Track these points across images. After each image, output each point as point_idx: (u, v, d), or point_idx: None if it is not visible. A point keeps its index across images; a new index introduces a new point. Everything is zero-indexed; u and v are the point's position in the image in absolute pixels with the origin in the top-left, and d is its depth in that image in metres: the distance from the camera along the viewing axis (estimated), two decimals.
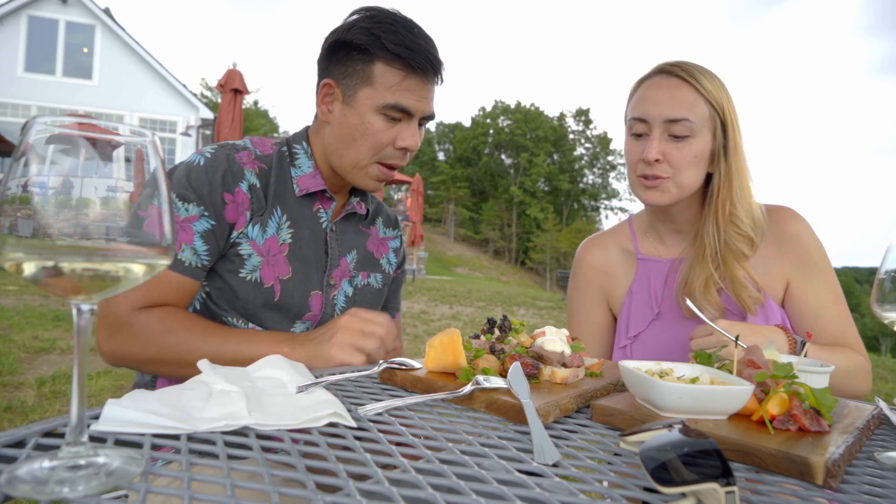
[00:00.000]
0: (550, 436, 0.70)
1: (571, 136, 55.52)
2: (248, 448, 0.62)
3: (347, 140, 1.22)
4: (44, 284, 0.50)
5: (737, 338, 1.01)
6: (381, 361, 0.98)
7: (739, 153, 1.29)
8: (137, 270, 0.51)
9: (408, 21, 1.21)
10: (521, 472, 0.59)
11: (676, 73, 1.27)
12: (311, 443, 0.65)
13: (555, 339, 1.02)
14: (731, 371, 0.88)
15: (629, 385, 0.84)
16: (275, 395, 0.78)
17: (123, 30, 19.35)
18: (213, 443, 0.62)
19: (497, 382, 0.86)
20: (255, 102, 41.90)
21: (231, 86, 7.98)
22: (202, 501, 0.48)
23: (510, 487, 0.54)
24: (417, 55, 1.17)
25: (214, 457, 0.59)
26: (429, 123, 1.31)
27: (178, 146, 19.86)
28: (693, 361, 0.95)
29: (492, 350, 1.01)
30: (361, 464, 0.59)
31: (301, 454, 0.60)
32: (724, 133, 1.28)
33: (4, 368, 4.12)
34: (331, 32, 1.24)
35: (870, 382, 1.25)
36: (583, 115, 55.75)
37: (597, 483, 0.59)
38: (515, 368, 0.88)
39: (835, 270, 1.36)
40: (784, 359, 0.96)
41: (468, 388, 0.84)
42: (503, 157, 53.97)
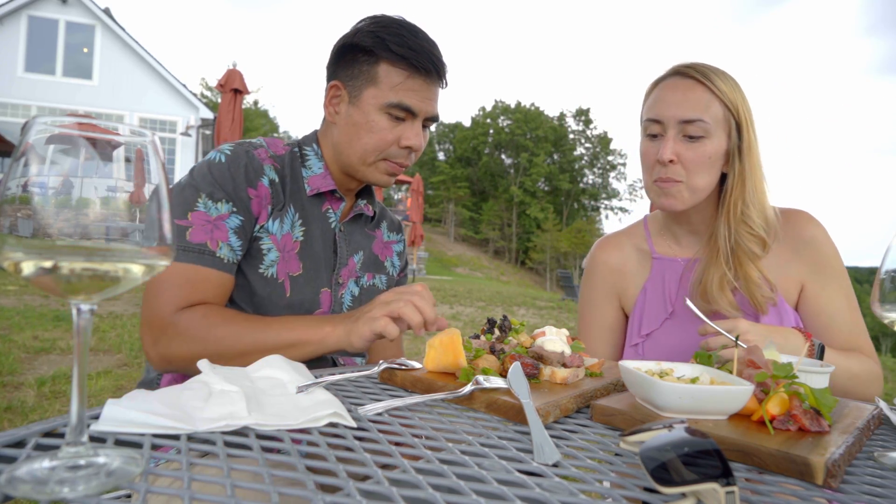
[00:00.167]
0: (550, 436, 0.70)
1: (571, 136, 55.50)
2: (248, 448, 0.62)
3: (353, 138, 1.24)
4: (44, 284, 0.50)
5: (737, 338, 1.01)
6: (381, 361, 0.98)
7: (754, 154, 1.30)
8: (137, 270, 0.51)
9: (413, 26, 1.25)
10: (521, 472, 0.59)
11: (691, 75, 1.28)
12: (312, 443, 0.65)
13: (555, 339, 1.02)
14: (731, 371, 0.88)
15: (629, 385, 0.84)
16: (275, 395, 0.78)
17: (123, 30, 19.35)
18: (213, 443, 0.62)
19: (497, 382, 0.86)
20: (255, 102, 41.93)
21: (231, 86, 7.98)
22: (202, 501, 0.48)
23: (510, 487, 0.54)
24: (421, 56, 1.20)
25: (214, 457, 0.59)
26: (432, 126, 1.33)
27: (178, 146, 19.86)
28: (693, 361, 0.95)
29: (492, 350, 1.01)
30: (361, 464, 0.59)
31: (301, 454, 0.60)
32: (739, 133, 1.29)
33: (4, 368, 4.12)
34: (339, 38, 1.28)
35: (881, 388, 1.25)
36: (583, 115, 55.74)
37: (597, 483, 0.59)
38: (515, 368, 0.88)
39: None
40: (784, 359, 0.96)
41: (468, 388, 0.84)
42: (503, 157, 53.97)
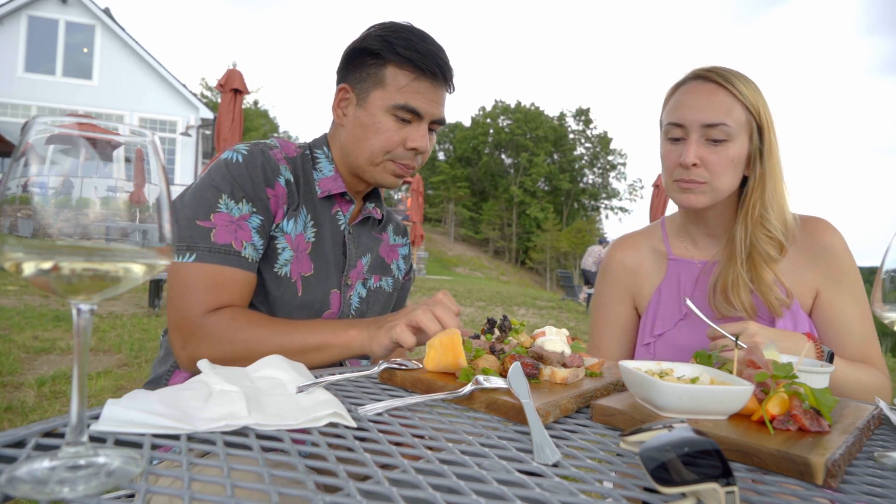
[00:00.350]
0: (550, 436, 0.70)
1: (571, 136, 55.46)
2: (248, 448, 0.62)
3: (360, 139, 1.26)
4: (44, 284, 0.50)
5: (737, 338, 1.01)
6: (381, 361, 0.98)
7: (774, 157, 1.31)
8: (137, 270, 0.51)
9: (420, 31, 1.27)
10: (521, 472, 0.59)
11: (713, 79, 1.29)
12: (311, 443, 0.65)
13: (555, 339, 1.02)
14: (732, 371, 0.88)
15: (629, 385, 0.84)
16: (275, 395, 0.78)
17: (123, 30, 19.35)
18: (213, 443, 0.62)
19: (497, 382, 0.86)
20: (255, 102, 41.92)
21: (231, 86, 7.97)
22: (202, 501, 0.48)
23: (510, 487, 0.54)
24: (427, 59, 1.21)
25: (214, 457, 0.59)
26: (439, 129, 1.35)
27: (178, 146, 19.86)
28: (693, 361, 0.95)
29: (492, 350, 1.01)
30: (361, 464, 0.59)
31: (301, 454, 0.60)
32: (760, 137, 1.30)
33: (4, 368, 4.12)
34: (349, 44, 1.30)
35: (889, 400, 1.26)
36: (583, 115, 55.71)
37: (597, 483, 0.59)
38: (515, 368, 0.88)
39: None
40: (784, 359, 0.96)
41: (468, 388, 0.84)
42: (503, 157, 53.95)
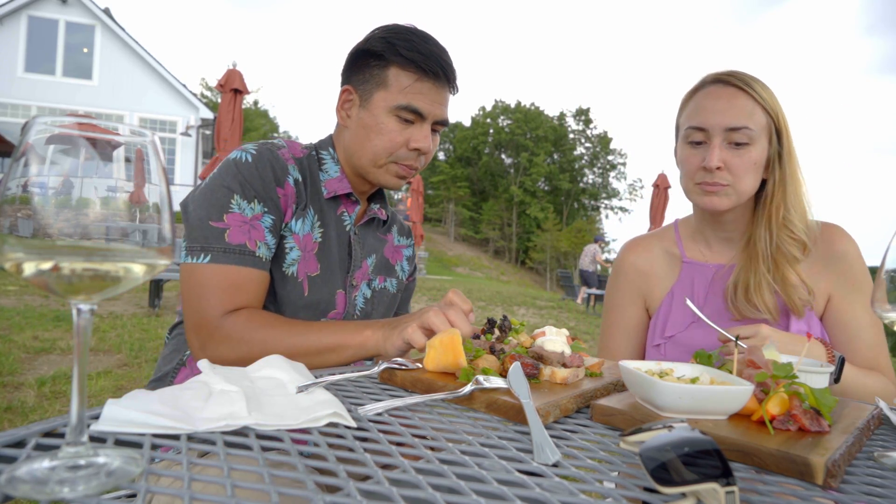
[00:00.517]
0: (550, 436, 0.70)
1: (571, 136, 55.39)
2: (248, 448, 0.62)
3: (364, 140, 1.26)
4: (44, 284, 0.50)
5: (737, 338, 1.01)
6: (381, 361, 0.98)
7: (794, 159, 1.33)
8: (137, 270, 0.51)
9: (423, 32, 1.28)
10: (521, 472, 0.59)
11: (733, 83, 1.30)
12: (312, 443, 0.65)
13: (555, 339, 1.02)
14: (732, 371, 0.88)
15: (629, 385, 0.84)
16: (275, 395, 0.78)
17: (123, 30, 19.35)
18: (213, 443, 0.62)
19: (497, 382, 0.86)
20: (255, 102, 41.87)
21: (231, 86, 7.95)
22: (202, 501, 0.48)
23: (510, 487, 0.54)
24: (430, 60, 1.22)
25: (214, 457, 0.59)
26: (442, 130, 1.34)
27: (178, 146, 19.86)
28: (693, 361, 0.95)
29: (492, 350, 1.01)
30: (361, 464, 0.59)
31: (301, 454, 0.60)
32: (779, 140, 1.31)
33: (4, 368, 4.12)
34: (353, 46, 1.31)
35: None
36: (583, 115, 55.64)
37: (597, 483, 0.59)
38: (515, 368, 0.88)
39: None
40: (784, 359, 0.96)
41: (468, 388, 0.84)
42: (503, 157, 53.91)
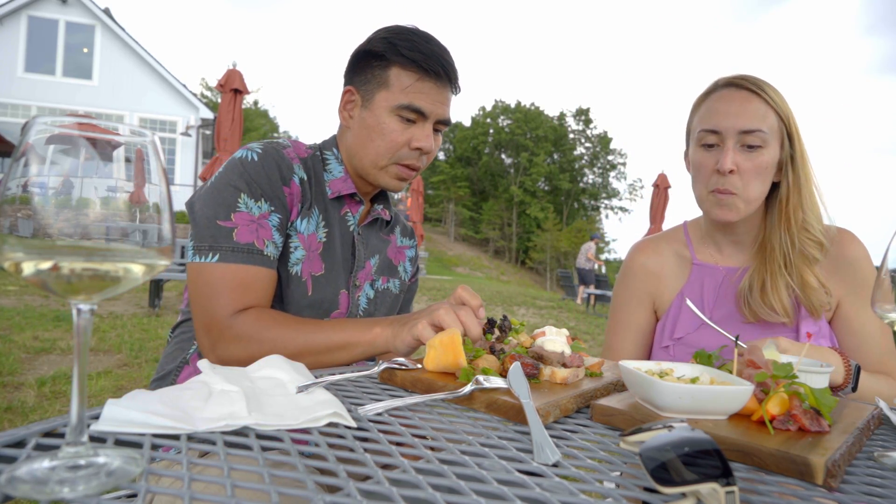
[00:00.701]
0: (550, 436, 0.70)
1: (571, 136, 55.37)
2: (249, 448, 0.62)
3: (366, 141, 1.26)
4: (44, 284, 0.50)
5: (737, 338, 1.01)
6: (381, 361, 0.98)
7: (807, 162, 1.34)
8: (137, 270, 0.51)
9: (425, 33, 1.28)
10: (521, 472, 0.59)
11: (745, 86, 1.31)
12: (312, 443, 0.65)
13: (555, 339, 1.02)
14: (732, 371, 0.88)
15: (629, 385, 0.84)
16: (275, 395, 0.78)
17: (123, 30, 19.35)
18: (213, 443, 0.62)
19: (497, 382, 0.86)
20: (255, 102, 41.85)
21: (231, 86, 7.95)
22: (202, 501, 0.48)
23: (510, 487, 0.54)
24: (431, 60, 1.22)
25: (214, 457, 0.59)
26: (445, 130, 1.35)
27: (178, 146, 19.86)
28: (693, 361, 0.95)
29: (492, 350, 1.01)
30: (361, 464, 0.59)
31: (301, 454, 0.60)
32: (791, 143, 1.32)
33: (5, 369, 4.12)
34: (355, 48, 1.31)
35: None
36: (583, 115, 55.63)
37: (597, 483, 0.59)
38: (515, 368, 0.88)
39: None
40: (784, 359, 0.96)
41: (468, 388, 0.84)
42: (503, 157, 53.89)
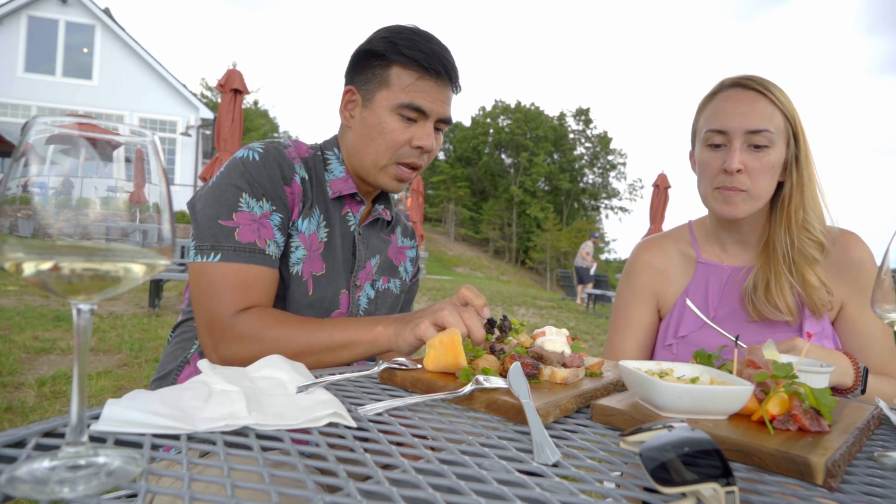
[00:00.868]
0: (550, 436, 0.70)
1: (571, 136, 55.35)
2: (249, 448, 0.62)
3: (367, 140, 1.26)
4: (44, 284, 0.50)
5: (737, 338, 1.01)
6: (381, 361, 0.98)
7: (810, 162, 1.34)
8: (137, 270, 0.51)
9: (425, 32, 1.28)
10: (521, 472, 0.59)
11: (752, 86, 1.31)
12: (312, 443, 0.65)
13: (555, 339, 1.02)
14: (731, 371, 0.88)
15: (629, 385, 0.84)
16: (275, 395, 0.78)
17: (123, 30, 19.35)
18: (213, 443, 0.62)
19: (497, 382, 0.86)
20: (255, 102, 41.84)
21: (231, 86, 7.94)
22: (203, 501, 0.48)
23: (510, 487, 0.54)
24: (431, 58, 1.22)
25: (215, 457, 0.59)
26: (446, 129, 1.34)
27: (178, 146, 19.85)
28: (693, 361, 0.95)
29: (492, 350, 1.01)
30: (361, 464, 0.59)
31: (301, 454, 0.60)
32: (796, 143, 1.33)
33: (4, 369, 4.12)
34: (355, 48, 1.31)
35: None
36: (583, 115, 55.60)
37: (597, 483, 0.59)
38: (515, 368, 0.88)
39: None
40: (784, 359, 0.96)
41: (468, 388, 0.84)
42: (503, 157, 53.89)
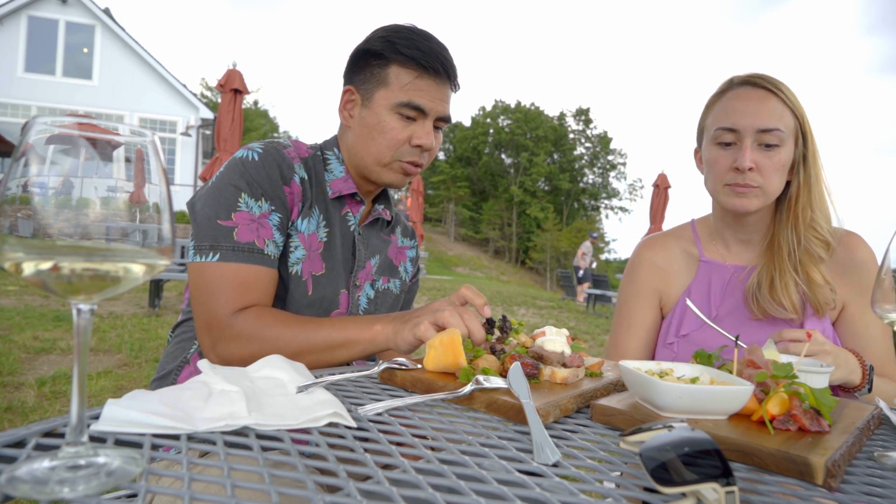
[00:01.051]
0: (550, 436, 0.70)
1: (571, 136, 55.33)
2: (249, 448, 0.62)
3: (367, 139, 1.26)
4: (44, 284, 0.50)
5: (737, 338, 1.01)
6: (381, 361, 0.98)
7: (818, 161, 1.34)
8: (137, 270, 0.51)
9: (423, 31, 1.28)
10: (521, 472, 0.59)
11: (763, 85, 1.31)
12: (312, 443, 0.65)
13: (555, 339, 1.02)
14: (731, 371, 0.88)
15: (629, 385, 0.84)
16: (275, 395, 0.78)
17: (123, 30, 19.34)
18: (213, 443, 0.62)
19: (497, 382, 0.86)
20: (255, 102, 41.84)
21: (231, 86, 7.94)
22: (203, 501, 0.48)
23: (510, 487, 0.54)
24: (430, 57, 1.22)
25: (215, 457, 0.59)
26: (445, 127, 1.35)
27: (178, 146, 19.85)
28: (693, 361, 0.95)
29: (492, 350, 1.01)
30: (361, 464, 0.59)
31: (301, 454, 0.60)
32: (804, 142, 1.33)
33: (5, 369, 4.12)
34: (354, 48, 1.31)
35: None
36: (583, 115, 55.59)
37: (597, 483, 0.59)
38: (515, 368, 0.88)
39: None
40: (784, 359, 0.96)
41: (468, 388, 0.84)
42: (503, 157, 53.89)
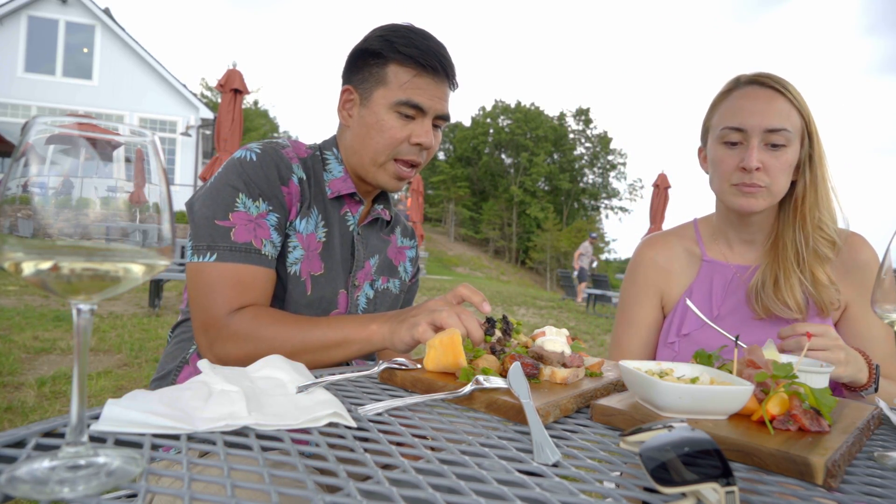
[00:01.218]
0: (550, 436, 0.70)
1: (571, 136, 55.32)
2: (249, 448, 0.62)
3: (365, 139, 1.26)
4: (44, 284, 0.50)
5: (737, 338, 1.01)
6: (381, 361, 0.98)
7: (824, 162, 1.34)
8: (137, 270, 0.51)
9: (421, 30, 1.28)
10: (521, 472, 0.59)
11: (770, 85, 1.31)
12: (312, 443, 0.65)
13: (555, 339, 1.02)
14: (731, 371, 0.88)
15: (629, 385, 0.84)
16: (275, 395, 0.78)
17: (123, 30, 19.34)
18: (213, 443, 0.62)
19: (497, 382, 0.86)
20: (255, 102, 41.82)
21: (231, 86, 7.94)
22: (203, 501, 0.48)
23: (510, 487, 0.54)
24: (428, 55, 1.22)
25: (215, 457, 0.59)
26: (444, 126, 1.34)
27: (178, 146, 19.85)
28: (693, 361, 0.95)
29: (492, 350, 1.01)
30: (361, 464, 0.59)
31: (301, 454, 0.60)
32: (811, 142, 1.32)
33: (4, 369, 4.12)
34: (352, 47, 1.31)
35: None
36: (583, 115, 55.58)
37: (597, 483, 0.59)
38: (515, 368, 0.88)
39: None
40: (784, 359, 0.96)
41: (468, 388, 0.84)
42: (503, 157, 53.88)
